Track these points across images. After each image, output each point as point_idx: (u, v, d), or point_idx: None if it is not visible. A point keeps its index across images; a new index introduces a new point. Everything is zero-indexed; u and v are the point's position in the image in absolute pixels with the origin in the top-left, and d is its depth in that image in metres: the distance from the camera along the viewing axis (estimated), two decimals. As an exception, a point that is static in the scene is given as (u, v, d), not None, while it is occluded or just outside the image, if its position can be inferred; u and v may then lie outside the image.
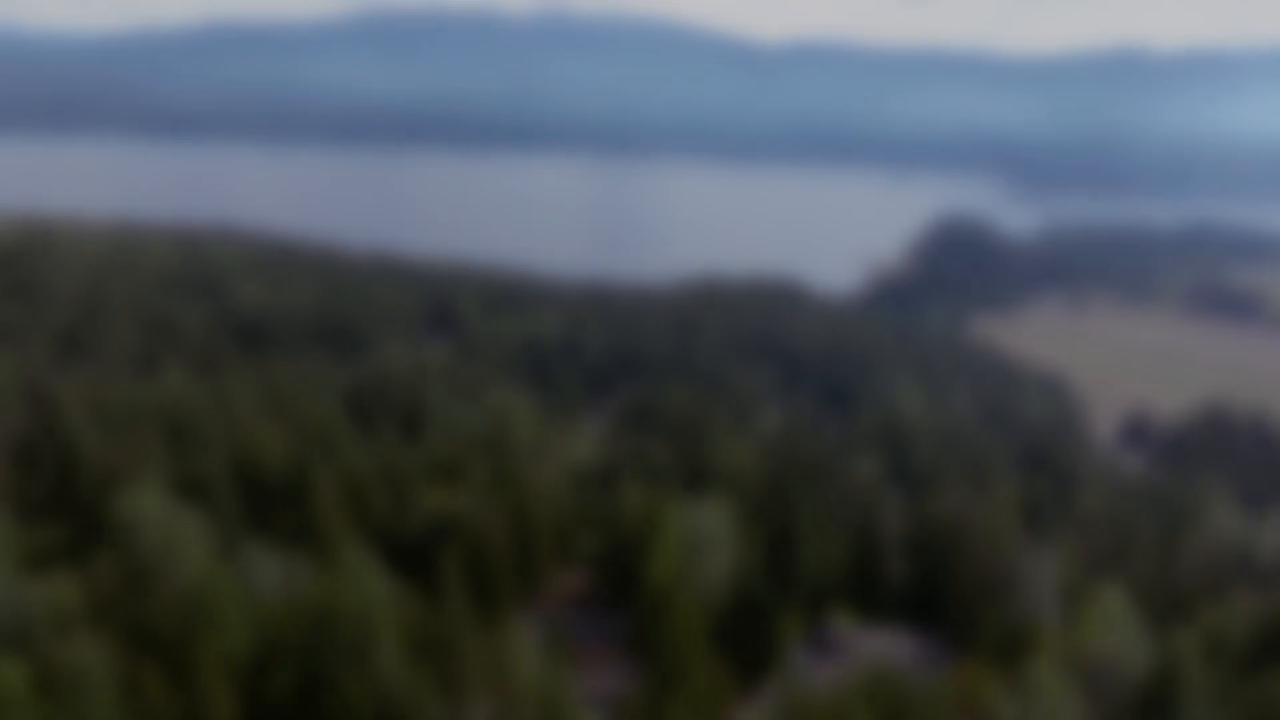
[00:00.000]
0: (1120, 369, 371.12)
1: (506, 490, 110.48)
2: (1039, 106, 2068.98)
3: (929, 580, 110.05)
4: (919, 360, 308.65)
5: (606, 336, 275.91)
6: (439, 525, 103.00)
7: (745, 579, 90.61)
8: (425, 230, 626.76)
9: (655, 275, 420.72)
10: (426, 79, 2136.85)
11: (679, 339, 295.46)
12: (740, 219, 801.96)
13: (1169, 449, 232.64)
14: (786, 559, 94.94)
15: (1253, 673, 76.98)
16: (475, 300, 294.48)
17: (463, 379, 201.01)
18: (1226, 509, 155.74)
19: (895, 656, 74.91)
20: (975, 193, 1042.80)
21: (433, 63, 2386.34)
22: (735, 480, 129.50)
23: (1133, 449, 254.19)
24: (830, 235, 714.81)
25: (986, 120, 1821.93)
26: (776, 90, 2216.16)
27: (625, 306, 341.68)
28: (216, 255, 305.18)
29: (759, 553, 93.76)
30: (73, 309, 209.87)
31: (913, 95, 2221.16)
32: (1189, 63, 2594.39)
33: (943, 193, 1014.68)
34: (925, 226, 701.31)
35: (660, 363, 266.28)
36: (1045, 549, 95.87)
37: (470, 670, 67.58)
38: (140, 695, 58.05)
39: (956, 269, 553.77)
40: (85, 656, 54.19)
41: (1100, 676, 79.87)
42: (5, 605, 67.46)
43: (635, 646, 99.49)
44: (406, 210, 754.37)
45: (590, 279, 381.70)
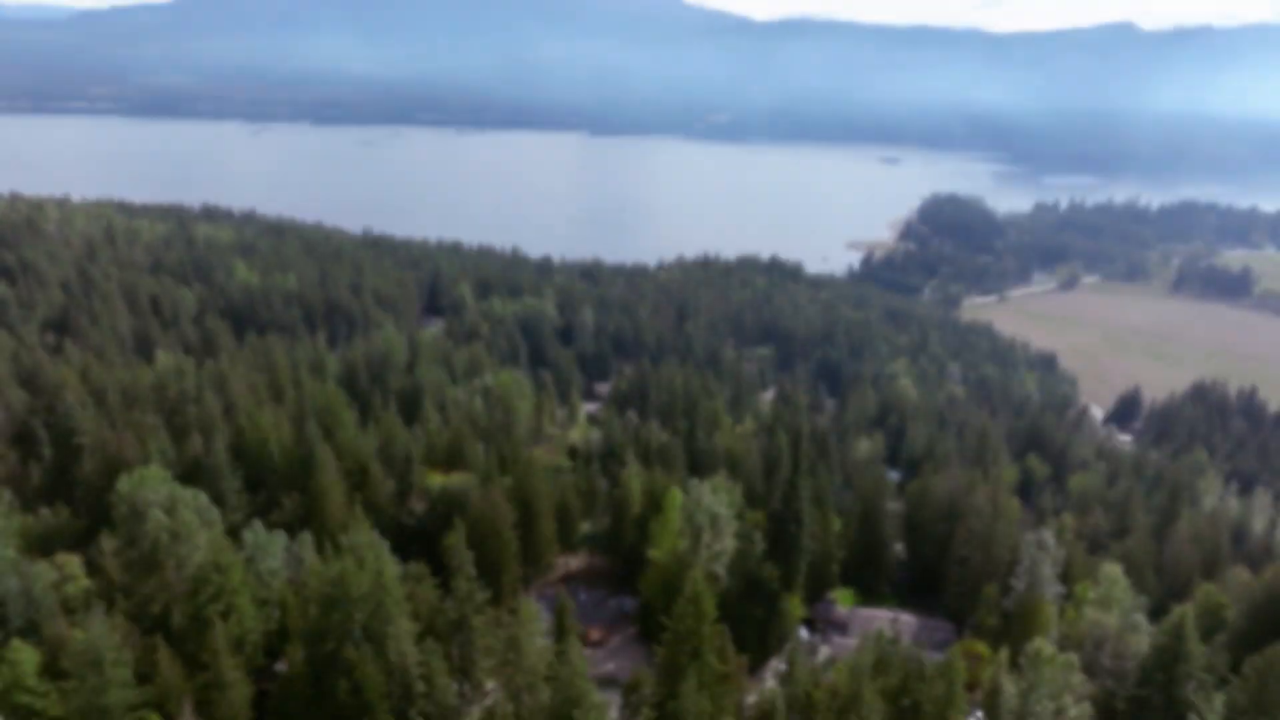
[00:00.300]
0: (1111, 347, 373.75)
1: (509, 472, 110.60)
2: (1031, 85, 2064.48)
3: (929, 559, 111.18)
4: (912, 339, 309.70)
5: (601, 317, 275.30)
6: (443, 507, 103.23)
7: (749, 558, 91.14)
8: (414, 207, 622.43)
9: (648, 253, 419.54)
10: (413, 55, 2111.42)
11: (673, 319, 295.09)
12: (732, 196, 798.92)
13: (1159, 426, 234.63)
14: (789, 539, 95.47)
15: (1249, 648, 78.20)
16: (470, 282, 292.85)
17: (459, 360, 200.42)
18: (1218, 486, 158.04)
19: (898, 634, 75.62)
20: (967, 171, 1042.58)
21: (419, 38, 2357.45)
22: (735, 460, 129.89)
23: (1124, 426, 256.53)
24: (822, 213, 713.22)
25: (979, 98, 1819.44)
26: (769, 66, 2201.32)
27: (619, 286, 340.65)
28: (205, 236, 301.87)
29: (762, 533, 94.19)
30: (63, 291, 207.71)
31: (905, 73, 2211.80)
32: (1178, 39, 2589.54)
33: (935, 171, 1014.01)
34: (917, 205, 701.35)
35: (655, 342, 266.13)
36: (1044, 527, 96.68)
37: (481, 650, 67.98)
38: (156, 676, 58.21)
39: (948, 248, 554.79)
40: (101, 637, 54.10)
41: (1101, 653, 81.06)
42: (13, 589, 67.29)
43: (641, 625, 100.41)
44: (394, 187, 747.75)
45: (584, 259, 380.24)
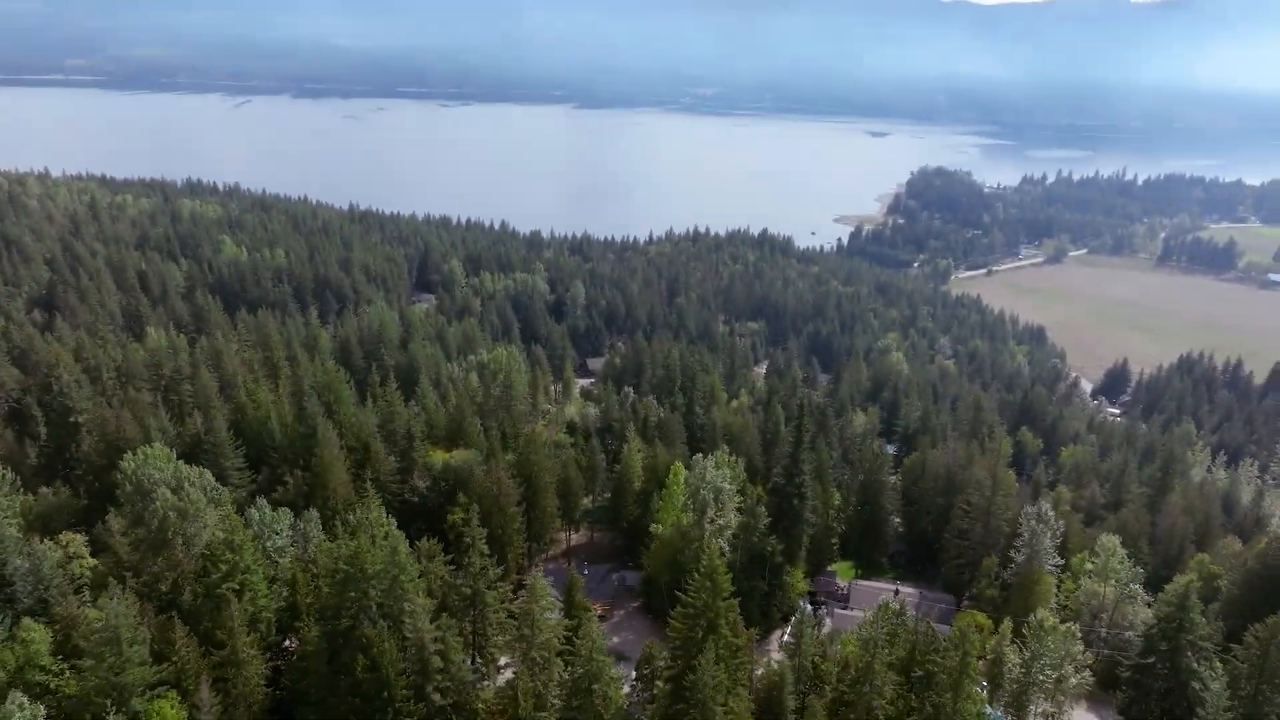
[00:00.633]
0: (1098, 320, 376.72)
1: (511, 448, 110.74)
2: (1019, 57, 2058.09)
3: (927, 532, 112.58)
4: (902, 314, 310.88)
5: (592, 292, 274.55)
6: (446, 484, 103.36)
7: (752, 532, 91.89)
8: (399, 181, 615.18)
9: (636, 226, 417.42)
10: (396, 26, 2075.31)
11: (665, 294, 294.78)
12: (720, 169, 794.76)
13: (1148, 399, 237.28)
14: (792, 513, 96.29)
15: (1242, 617, 79.95)
16: (459, 257, 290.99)
17: (452, 337, 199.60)
18: (1205, 458, 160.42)
19: (904, 606, 76.71)
20: (955, 144, 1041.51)
21: (401, 9, 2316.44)
22: (733, 435, 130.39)
23: (1112, 399, 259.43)
24: (810, 187, 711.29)
25: (966, 71, 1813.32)
26: (756, 39, 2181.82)
27: (610, 261, 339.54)
28: (191, 211, 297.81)
29: (764, 507, 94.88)
30: (48, 267, 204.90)
31: (892, 45, 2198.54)
32: (1166, 10, 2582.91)
33: (922, 144, 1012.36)
34: (905, 179, 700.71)
35: (647, 318, 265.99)
36: (1042, 500, 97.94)
37: (495, 626, 68.50)
38: (172, 654, 58.34)
39: (936, 222, 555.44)
40: (119, 616, 54.08)
41: (1098, 623, 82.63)
42: (21, 568, 67.01)
43: (644, 599, 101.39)
44: (379, 161, 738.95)
45: (572, 233, 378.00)
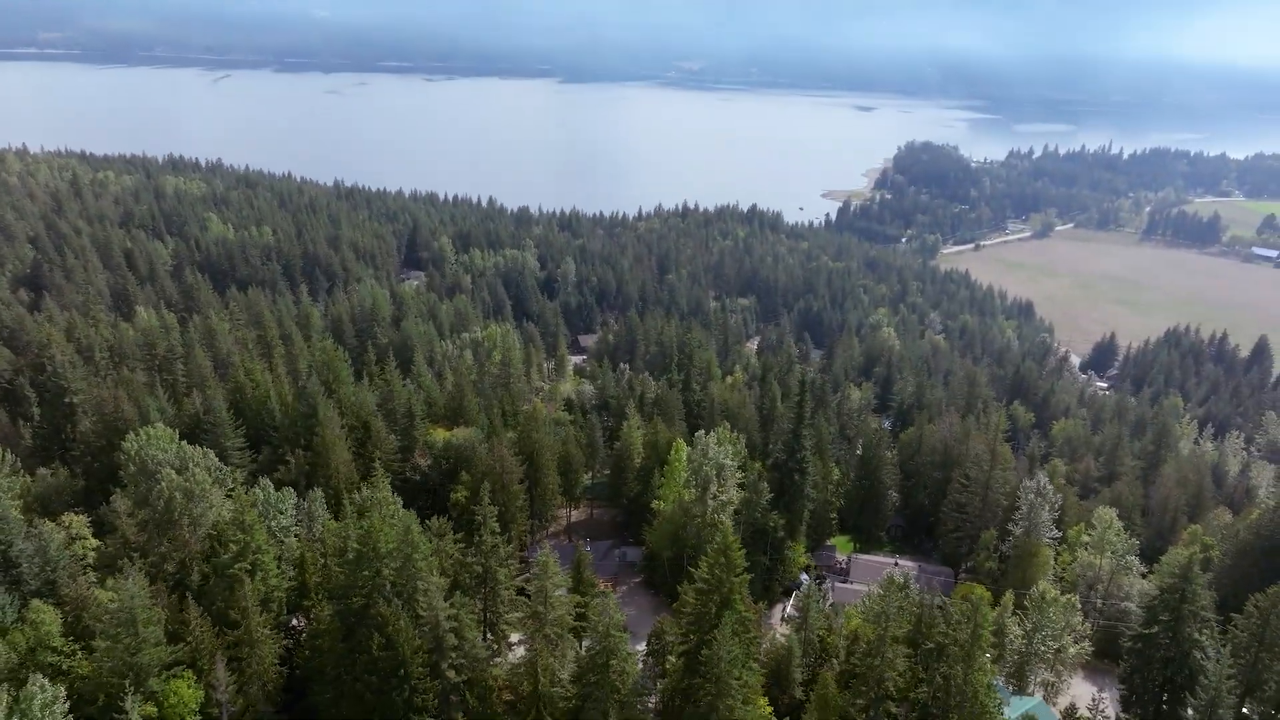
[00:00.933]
0: (1085, 295, 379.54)
1: (511, 426, 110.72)
2: (1005, 30, 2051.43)
3: (923, 506, 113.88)
4: (892, 289, 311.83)
5: (583, 269, 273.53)
6: (448, 462, 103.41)
7: (754, 508, 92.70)
8: (384, 157, 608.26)
9: (625, 202, 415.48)
10: (379, 0, 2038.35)
11: (655, 270, 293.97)
12: (706, 144, 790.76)
13: (1135, 372, 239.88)
14: (793, 488, 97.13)
15: (1235, 587, 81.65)
16: (449, 234, 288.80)
17: (444, 314, 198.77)
18: (1193, 430, 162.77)
19: (907, 580, 77.60)
20: (942, 118, 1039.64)
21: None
22: (731, 412, 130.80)
23: (1100, 372, 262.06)
24: (797, 161, 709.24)
25: (953, 44, 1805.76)
26: (742, 13, 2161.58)
27: (600, 237, 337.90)
28: (175, 188, 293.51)
29: (765, 482, 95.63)
30: (32, 246, 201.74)
31: (879, 18, 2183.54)
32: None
33: (909, 118, 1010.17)
34: (892, 153, 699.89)
35: (638, 294, 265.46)
36: (1040, 473, 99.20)
37: (506, 603, 68.95)
38: (185, 634, 58.39)
39: (924, 197, 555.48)
40: (134, 596, 53.96)
41: (1094, 594, 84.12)
42: (27, 550, 66.70)
43: (645, 575, 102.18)
44: (363, 136, 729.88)
45: (561, 209, 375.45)
